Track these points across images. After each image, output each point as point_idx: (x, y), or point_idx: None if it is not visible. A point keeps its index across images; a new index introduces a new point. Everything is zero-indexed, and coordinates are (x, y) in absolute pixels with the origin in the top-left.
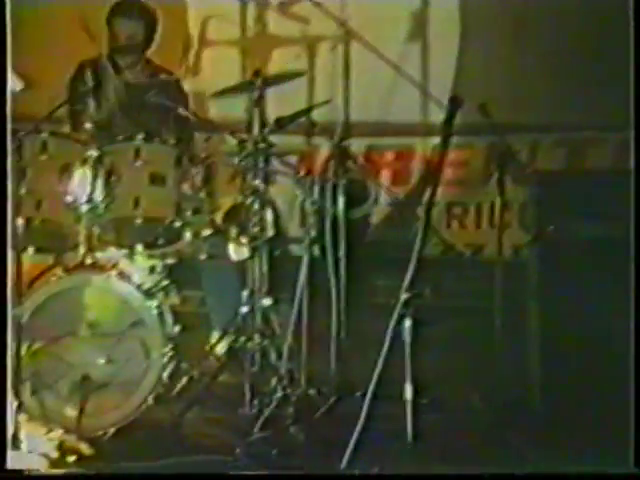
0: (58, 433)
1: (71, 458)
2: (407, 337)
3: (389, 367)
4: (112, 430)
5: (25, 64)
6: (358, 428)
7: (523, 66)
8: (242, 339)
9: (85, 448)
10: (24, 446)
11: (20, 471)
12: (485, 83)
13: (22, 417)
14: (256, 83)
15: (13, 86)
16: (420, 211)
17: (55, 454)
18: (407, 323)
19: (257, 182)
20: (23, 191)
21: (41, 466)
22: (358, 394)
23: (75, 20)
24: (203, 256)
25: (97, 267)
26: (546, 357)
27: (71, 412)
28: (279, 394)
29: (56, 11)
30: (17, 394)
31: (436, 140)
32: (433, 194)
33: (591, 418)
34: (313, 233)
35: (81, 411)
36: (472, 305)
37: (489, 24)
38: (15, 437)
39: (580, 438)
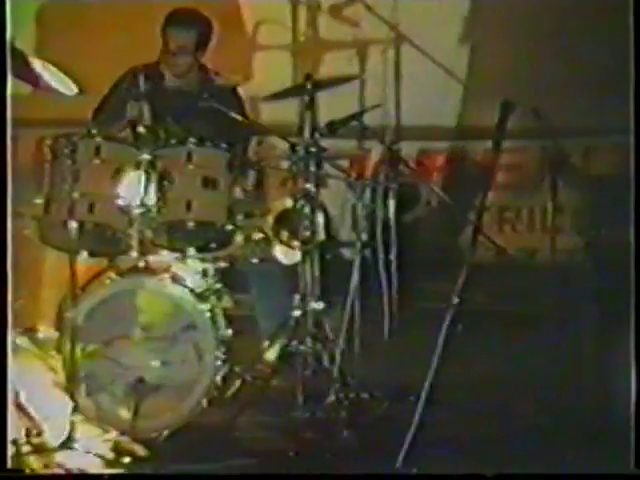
0: (113, 434)
1: (126, 459)
2: (459, 341)
3: (441, 372)
4: (166, 432)
5: (79, 69)
6: (410, 433)
7: (577, 69)
8: (294, 343)
9: (139, 450)
10: (80, 446)
11: (20, 471)
12: (538, 86)
13: (77, 418)
14: (307, 87)
15: (68, 90)
16: (472, 215)
17: (110, 455)
18: (459, 327)
19: (308, 186)
20: (76, 195)
21: (96, 467)
22: (411, 399)
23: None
24: (255, 260)
25: (150, 270)
26: (601, 362)
27: (125, 414)
28: (331, 398)
29: (110, 17)
30: (72, 395)
31: (488, 144)
32: (485, 198)
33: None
34: (364, 237)
35: (135, 413)
36: (525, 310)
37: (540, 26)
38: (70, 437)
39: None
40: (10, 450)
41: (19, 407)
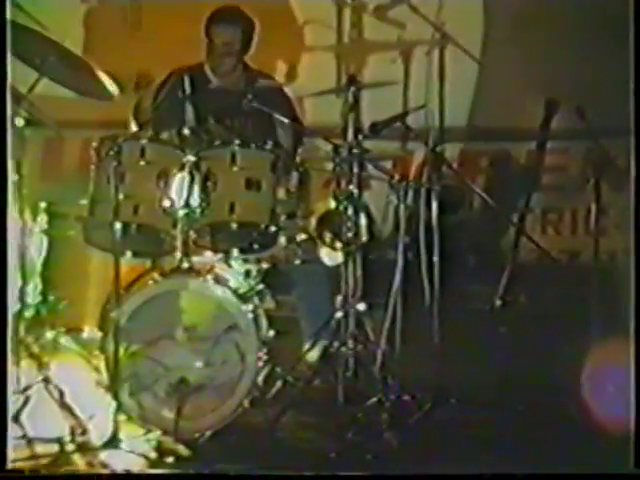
0: (156, 434)
1: (169, 459)
2: (502, 343)
3: (484, 373)
4: (208, 433)
5: (124, 71)
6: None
7: (622, 68)
8: (336, 344)
9: (182, 449)
10: (124, 446)
11: (20, 471)
12: (582, 86)
13: (121, 417)
14: (351, 88)
15: (112, 92)
16: (515, 217)
17: (153, 455)
18: (501, 329)
19: (351, 187)
20: (121, 196)
21: (140, 466)
22: (453, 400)
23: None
24: (298, 261)
25: (193, 271)
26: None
27: (168, 414)
28: (373, 399)
29: (154, 18)
30: (116, 395)
31: (531, 145)
32: (528, 200)
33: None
34: (407, 238)
35: (178, 413)
36: (568, 312)
37: (585, 25)
38: (114, 437)
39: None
40: (54, 448)
41: (63, 406)
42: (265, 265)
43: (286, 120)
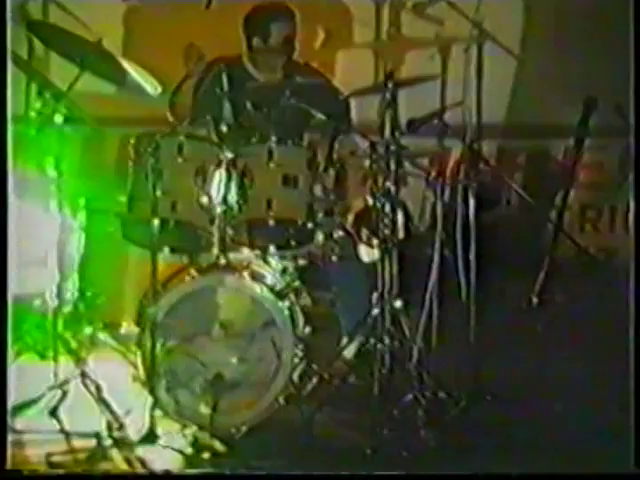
0: (192, 429)
1: (205, 455)
2: (539, 341)
3: (520, 371)
4: (244, 429)
5: (163, 68)
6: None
7: None
8: (372, 341)
9: (218, 445)
10: (160, 441)
11: (20, 471)
12: (621, 83)
13: (157, 413)
14: (389, 85)
15: (153, 91)
16: (553, 214)
17: (189, 450)
18: (538, 327)
19: (388, 184)
20: (159, 193)
21: (176, 462)
22: (487, 398)
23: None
24: (334, 258)
25: (230, 268)
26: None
27: (204, 410)
28: (409, 396)
29: (192, 17)
30: (152, 391)
31: (570, 142)
32: (566, 197)
33: None
34: (444, 235)
35: (214, 409)
36: (606, 311)
37: (622, 22)
38: (151, 432)
39: None
40: (92, 442)
41: (101, 401)
42: (302, 262)
43: (323, 117)
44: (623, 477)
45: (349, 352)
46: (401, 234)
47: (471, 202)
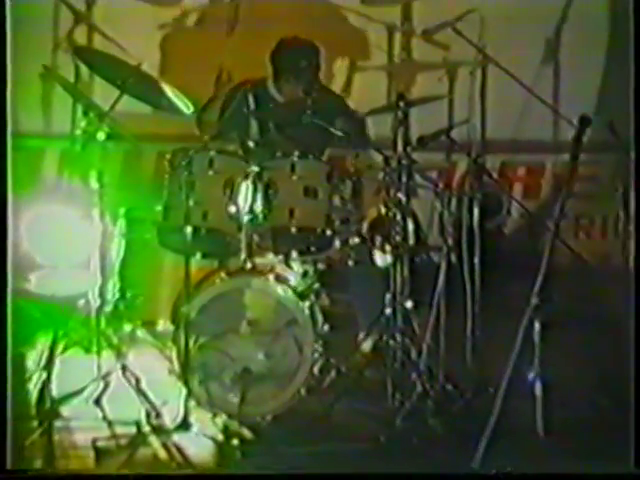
0: (222, 418)
1: (234, 441)
2: (537, 339)
3: (520, 366)
4: (269, 417)
5: (196, 90)
6: (491, 422)
7: None
8: (385, 338)
9: (246, 432)
10: (194, 429)
11: (20, 471)
12: (613, 101)
13: (191, 403)
14: (401, 105)
15: (186, 110)
16: (550, 222)
17: (220, 437)
18: (537, 326)
19: (400, 195)
20: (192, 203)
21: (208, 447)
22: (492, 390)
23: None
24: (351, 262)
25: (256, 271)
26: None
27: (233, 400)
28: (419, 389)
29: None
30: (186, 383)
31: (566, 157)
32: (562, 207)
33: None
34: (450, 242)
35: (242, 399)
36: (599, 311)
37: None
38: (185, 421)
39: None
40: (132, 429)
41: (139, 392)
42: (321, 266)
43: (340, 134)
44: (623, 477)
45: (365, 348)
46: (411, 241)
47: (475, 212)
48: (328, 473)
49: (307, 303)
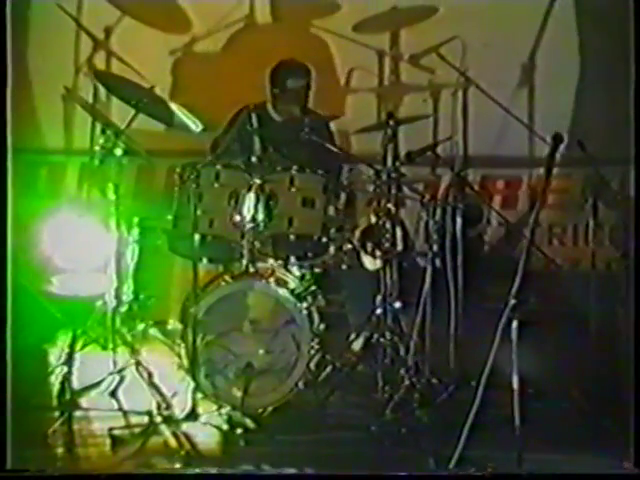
0: (227, 409)
1: (238, 430)
2: (514, 336)
3: (499, 361)
4: (270, 409)
5: (204, 110)
6: (471, 413)
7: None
8: (376, 336)
9: (249, 422)
10: (201, 419)
11: (20, 471)
12: (584, 121)
13: (198, 395)
14: (390, 123)
15: (195, 128)
16: (525, 231)
17: (225, 426)
18: (514, 324)
19: (389, 205)
20: (199, 212)
21: (214, 436)
22: (473, 383)
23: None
24: (344, 266)
25: (258, 275)
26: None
27: (237, 393)
28: (406, 382)
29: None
30: (194, 377)
31: (540, 171)
32: (537, 216)
33: None
34: (435, 248)
35: (245, 392)
36: (570, 311)
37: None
38: (193, 411)
39: None
40: (144, 419)
41: (151, 385)
42: (317, 270)
43: (336, 150)
44: (623, 477)
45: (357, 345)
46: (400, 247)
47: (458, 220)
48: (329, 474)
49: (304, 304)
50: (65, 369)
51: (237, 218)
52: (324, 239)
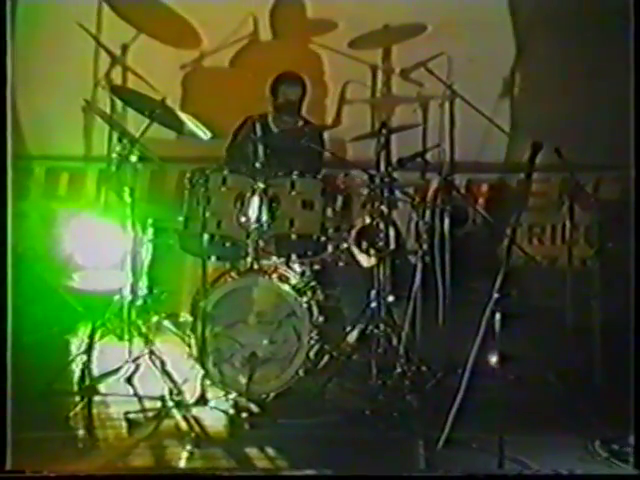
0: (233, 395)
1: (244, 414)
2: (497, 327)
3: (483, 350)
4: (273, 394)
5: (212, 119)
6: (458, 398)
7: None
8: (370, 327)
9: (253, 407)
10: (210, 404)
11: (20, 471)
12: (561, 130)
13: (207, 382)
14: (383, 132)
15: (204, 136)
16: (508, 230)
17: (232, 411)
18: (497, 316)
19: (383, 207)
20: (208, 214)
21: (222, 420)
22: (459, 371)
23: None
24: (341, 264)
25: (262, 271)
26: (605, 344)
27: (242, 380)
28: (398, 370)
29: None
30: (203, 365)
31: (521, 176)
32: (518, 217)
33: None
34: (425, 246)
35: (250, 379)
36: (548, 304)
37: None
38: (202, 397)
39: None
40: (158, 404)
41: (164, 372)
42: (317, 267)
43: (332, 156)
44: (623, 477)
45: (352, 336)
46: (392, 245)
47: (446, 221)
48: (329, 474)
49: (304, 298)
50: (85, 358)
51: (242, 219)
52: (323, 238)
